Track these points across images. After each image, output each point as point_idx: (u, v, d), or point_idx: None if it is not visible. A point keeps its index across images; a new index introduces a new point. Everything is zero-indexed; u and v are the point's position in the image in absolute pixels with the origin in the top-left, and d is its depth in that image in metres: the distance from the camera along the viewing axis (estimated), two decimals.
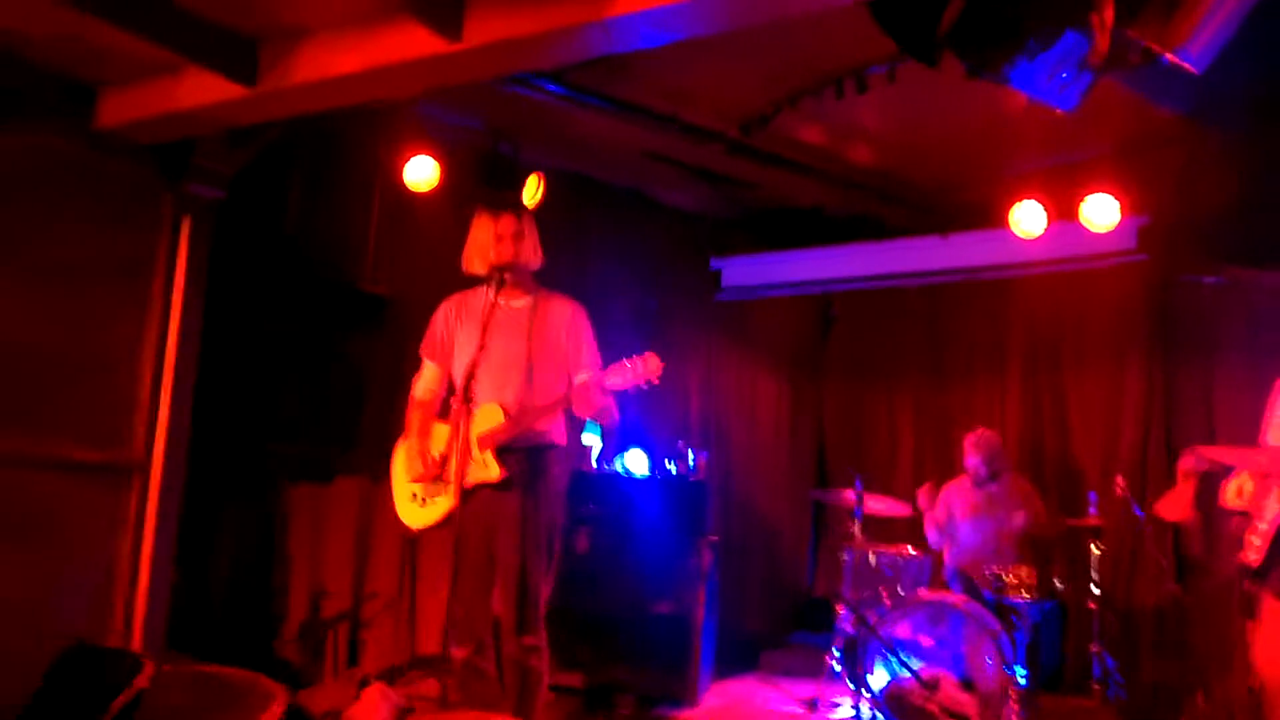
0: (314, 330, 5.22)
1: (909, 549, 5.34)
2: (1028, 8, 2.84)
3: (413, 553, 5.79)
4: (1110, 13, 2.65)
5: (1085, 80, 3.36)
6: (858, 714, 4.94)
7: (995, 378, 6.57)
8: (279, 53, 3.50)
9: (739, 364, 7.09)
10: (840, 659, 5.16)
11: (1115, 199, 5.24)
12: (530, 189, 5.89)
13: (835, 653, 5.18)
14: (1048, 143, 5.56)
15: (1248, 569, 3.28)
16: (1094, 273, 5.92)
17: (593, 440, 5.84)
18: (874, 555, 5.33)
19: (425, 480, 3.53)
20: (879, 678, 4.78)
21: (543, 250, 3.71)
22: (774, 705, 5.47)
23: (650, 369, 3.25)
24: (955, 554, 5.63)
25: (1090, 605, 5.01)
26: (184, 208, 4.28)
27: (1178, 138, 5.21)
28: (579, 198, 6.27)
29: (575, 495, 5.07)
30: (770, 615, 6.87)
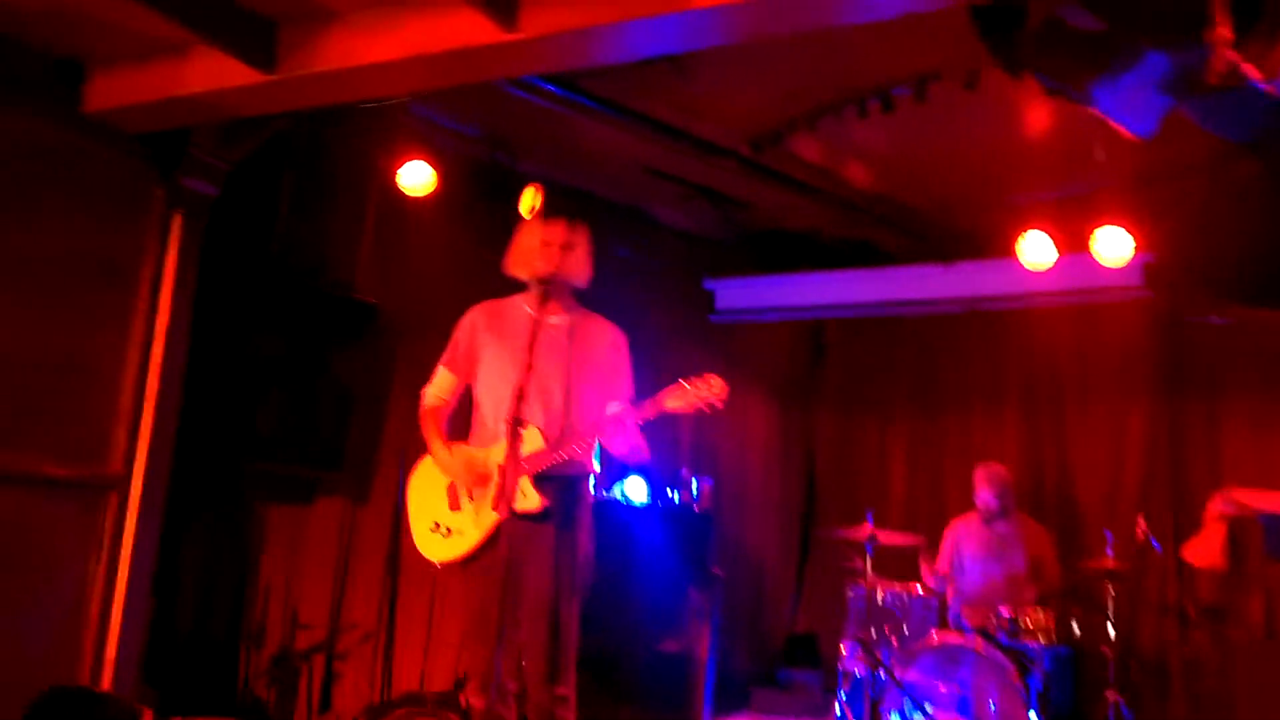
0: (300, 342, 4.90)
1: (918, 587, 5.18)
2: (1133, 22, 2.69)
3: (394, 582, 5.47)
4: (1227, 30, 2.51)
5: (1164, 104, 3.24)
6: None
7: (993, 412, 6.44)
8: (302, 36, 3.19)
9: (731, 389, 6.86)
10: (848, 702, 4.94)
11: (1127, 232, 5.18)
12: (527, 201, 5.67)
13: (842, 695, 4.96)
14: (1054, 172, 5.51)
15: None
16: (1097, 308, 5.85)
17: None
18: (883, 593, 5.15)
19: (477, 488, 3.21)
20: None
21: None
22: None
23: (714, 392, 3.01)
24: (963, 594, 5.45)
25: (1104, 650, 4.87)
26: (176, 203, 3.93)
27: (1191, 172, 5.16)
28: (576, 212, 6.04)
29: None
30: (759, 651, 6.64)
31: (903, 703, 4.62)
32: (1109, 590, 4.88)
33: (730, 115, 5.16)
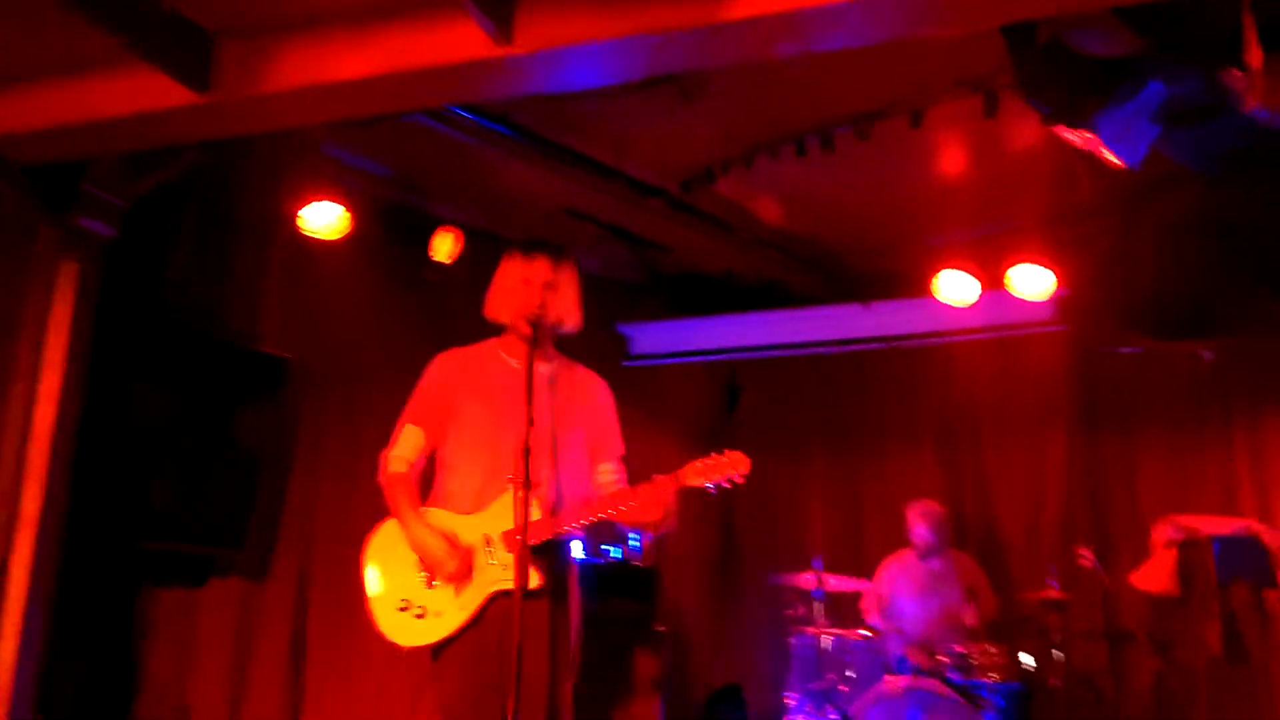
0: (199, 401, 4.36)
1: (861, 631, 5.07)
2: (1169, 44, 2.62)
3: (299, 666, 4.92)
4: (1260, 55, 2.47)
5: (1153, 133, 3.22)
6: None
7: (911, 449, 6.44)
8: (246, 50, 2.77)
9: (644, 435, 6.60)
10: None
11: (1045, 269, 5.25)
12: (440, 245, 5.30)
13: None
14: (969, 212, 5.56)
15: None
16: (1014, 342, 5.92)
17: None
18: (827, 639, 5.00)
19: (456, 581, 2.80)
20: None
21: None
22: None
23: (737, 467, 2.74)
24: (904, 634, 5.34)
25: (1053, 682, 4.84)
26: (67, 247, 3.38)
27: (1106, 210, 5.30)
28: (485, 256, 5.71)
29: None
30: (684, 706, 6.33)
31: None
32: (1054, 622, 4.88)
33: (661, 155, 4.98)
